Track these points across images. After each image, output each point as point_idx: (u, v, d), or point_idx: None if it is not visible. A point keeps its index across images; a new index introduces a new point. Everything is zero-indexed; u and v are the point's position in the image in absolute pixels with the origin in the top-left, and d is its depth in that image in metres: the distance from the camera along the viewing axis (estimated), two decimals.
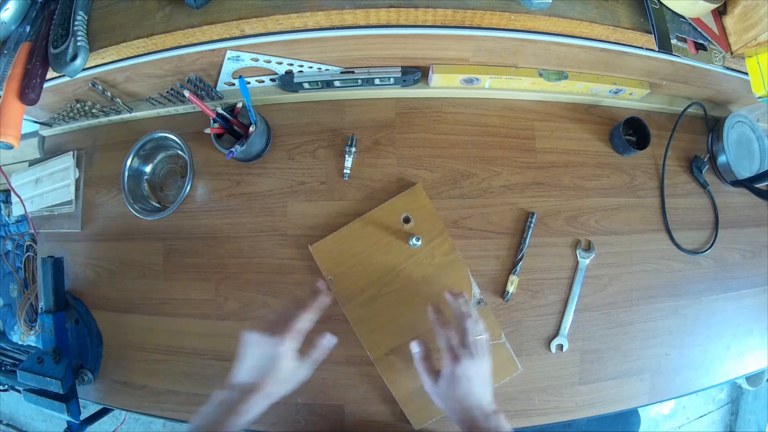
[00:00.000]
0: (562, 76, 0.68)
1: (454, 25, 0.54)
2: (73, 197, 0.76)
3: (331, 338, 0.54)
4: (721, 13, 0.59)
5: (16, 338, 0.95)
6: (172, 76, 0.65)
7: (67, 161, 0.77)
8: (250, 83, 0.70)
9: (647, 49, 0.59)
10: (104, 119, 0.76)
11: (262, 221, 0.70)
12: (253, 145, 0.64)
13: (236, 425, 0.44)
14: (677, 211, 0.74)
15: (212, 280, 0.70)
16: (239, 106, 0.65)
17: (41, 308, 0.73)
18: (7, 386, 1.00)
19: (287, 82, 0.67)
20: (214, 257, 0.70)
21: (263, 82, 0.70)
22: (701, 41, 0.57)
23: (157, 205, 0.75)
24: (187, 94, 0.57)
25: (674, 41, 0.55)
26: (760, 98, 0.59)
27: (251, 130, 0.63)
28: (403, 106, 0.71)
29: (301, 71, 0.67)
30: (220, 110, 0.63)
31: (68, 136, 0.81)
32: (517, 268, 0.67)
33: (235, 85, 0.69)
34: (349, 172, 0.68)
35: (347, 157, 0.68)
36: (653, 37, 0.55)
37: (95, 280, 0.75)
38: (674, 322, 0.72)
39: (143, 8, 0.55)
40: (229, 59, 0.62)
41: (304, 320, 0.51)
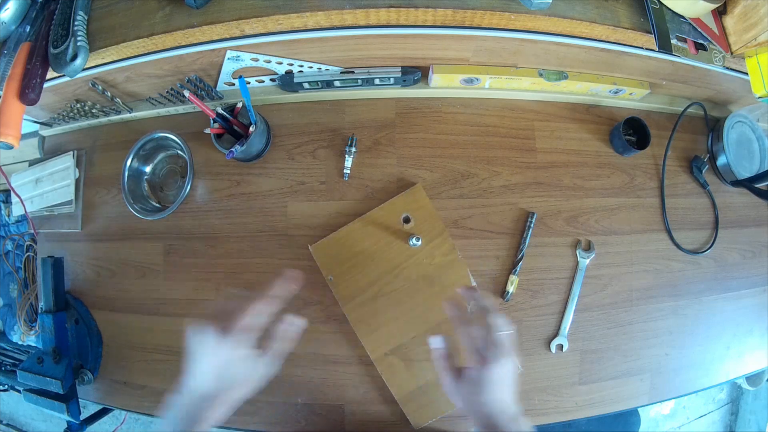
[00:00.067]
0: (562, 76, 0.68)
1: (454, 25, 0.54)
2: (73, 197, 0.76)
3: (291, 323, 0.47)
4: (721, 13, 0.59)
5: (16, 338, 0.96)
6: (172, 76, 0.65)
7: (67, 161, 0.77)
8: (250, 83, 0.70)
9: (647, 49, 0.59)
10: (104, 119, 0.76)
11: (262, 221, 0.70)
12: (253, 145, 0.64)
13: None
14: (677, 211, 0.74)
15: (212, 280, 0.70)
16: (239, 106, 0.65)
17: (41, 308, 0.73)
18: (7, 386, 1.00)
19: (287, 82, 0.67)
20: (214, 257, 0.70)
21: (263, 82, 0.70)
22: (701, 41, 0.57)
23: (157, 205, 0.75)
24: (187, 94, 0.57)
25: (674, 41, 0.55)
26: (760, 98, 0.60)
27: (251, 130, 0.63)
28: (403, 106, 0.71)
29: (301, 71, 0.67)
30: (220, 110, 0.63)
31: (68, 136, 0.81)
32: (517, 268, 0.67)
33: (235, 85, 0.69)
34: (349, 172, 0.68)
35: (347, 157, 0.68)
36: (653, 37, 0.55)
37: (95, 280, 0.76)
38: (674, 322, 0.72)
39: (143, 8, 0.55)
40: (229, 59, 0.62)
41: (256, 314, 0.44)
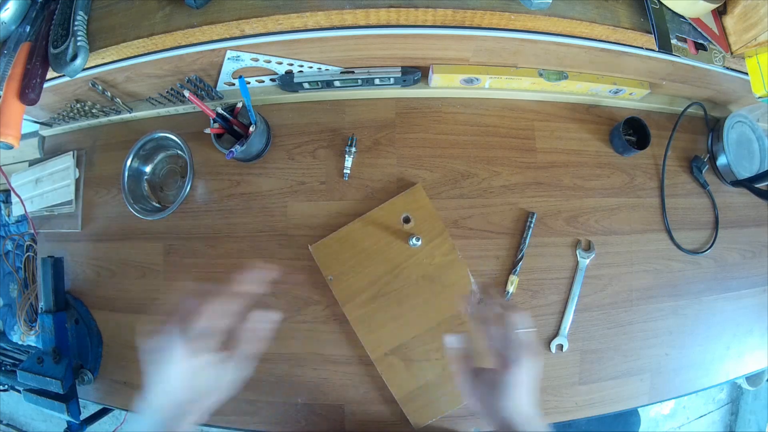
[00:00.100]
0: (562, 76, 0.68)
1: (454, 25, 0.54)
2: (73, 197, 0.76)
3: (259, 320, 0.43)
4: (721, 13, 0.59)
5: (16, 338, 0.96)
6: (172, 76, 0.65)
7: (67, 161, 0.77)
8: (250, 83, 0.70)
9: (647, 49, 0.59)
10: (104, 119, 0.76)
11: (262, 221, 0.70)
12: (253, 145, 0.64)
13: None
14: (677, 211, 0.74)
15: (212, 280, 0.70)
16: (239, 106, 0.65)
17: (41, 308, 0.73)
18: (7, 386, 1.01)
19: (287, 82, 0.67)
20: (214, 257, 0.70)
21: (263, 82, 0.70)
22: (701, 41, 0.57)
23: (157, 205, 0.75)
24: (187, 94, 0.57)
25: (674, 41, 0.55)
26: (760, 98, 0.59)
27: (251, 130, 0.63)
28: (403, 106, 0.71)
29: (301, 71, 0.67)
30: (220, 110, 0.63)
31: (68, 136, 0.81)
32: (517, 268, 0.67)
33: (235, 85, 0.69)
34: (349, 172, 0.68)
35: (347, 157, 0.68)
36: (653, 37, 0.55)
37: (95, 280, 0.75)
38: (674, 322, 0.72)
39: (143, 8, 0.55)
40: (229, 59, 0.62)
41: (217, 315, 0.40)
